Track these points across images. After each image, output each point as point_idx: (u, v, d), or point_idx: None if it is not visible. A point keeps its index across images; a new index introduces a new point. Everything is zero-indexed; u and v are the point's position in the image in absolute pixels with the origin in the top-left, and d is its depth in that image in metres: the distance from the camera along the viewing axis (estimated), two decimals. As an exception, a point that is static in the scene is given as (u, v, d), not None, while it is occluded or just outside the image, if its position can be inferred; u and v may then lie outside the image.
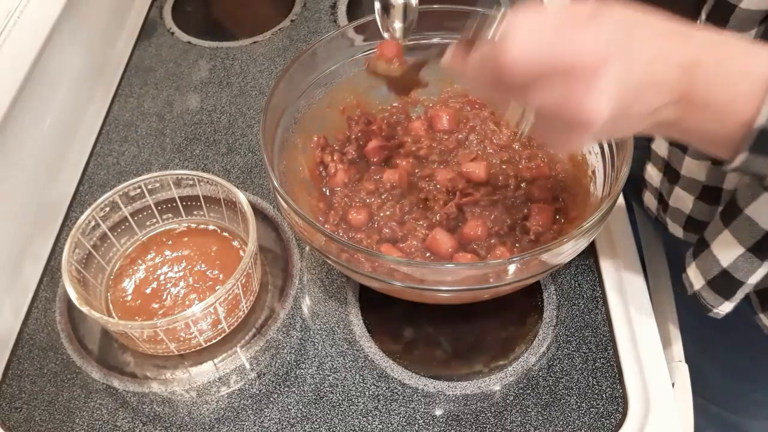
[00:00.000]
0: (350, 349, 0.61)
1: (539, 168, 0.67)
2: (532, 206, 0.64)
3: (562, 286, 0.65)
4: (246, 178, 0.75)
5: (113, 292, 0.64)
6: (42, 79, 0.75)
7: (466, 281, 0.53)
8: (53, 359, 0.62)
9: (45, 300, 0.66)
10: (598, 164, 0.63)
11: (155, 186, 0.65)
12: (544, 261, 0.53)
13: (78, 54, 0.84)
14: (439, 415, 0.57)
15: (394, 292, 0.58)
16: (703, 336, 0.74)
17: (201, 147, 0.79)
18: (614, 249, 0.67)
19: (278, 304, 0.64)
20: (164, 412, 0.58)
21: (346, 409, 0.57)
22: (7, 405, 0.59)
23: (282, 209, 0.59)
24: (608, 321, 0.62)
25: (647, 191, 0.66)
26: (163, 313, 0.61)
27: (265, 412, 0.57)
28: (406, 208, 0.64)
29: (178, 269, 0.65)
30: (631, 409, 0.56)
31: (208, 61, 0.91)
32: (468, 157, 0.69)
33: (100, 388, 0.60)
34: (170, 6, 1.00)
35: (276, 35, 0.94)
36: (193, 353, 0.61)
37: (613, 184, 0.56)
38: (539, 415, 0.56)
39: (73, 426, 0.57)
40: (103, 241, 0.64)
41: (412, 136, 0.71)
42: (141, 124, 0.83)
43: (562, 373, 0.59)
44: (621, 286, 0.64)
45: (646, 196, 0.67)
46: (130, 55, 0.92)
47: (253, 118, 0.82)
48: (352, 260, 0.55)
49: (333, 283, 0.66)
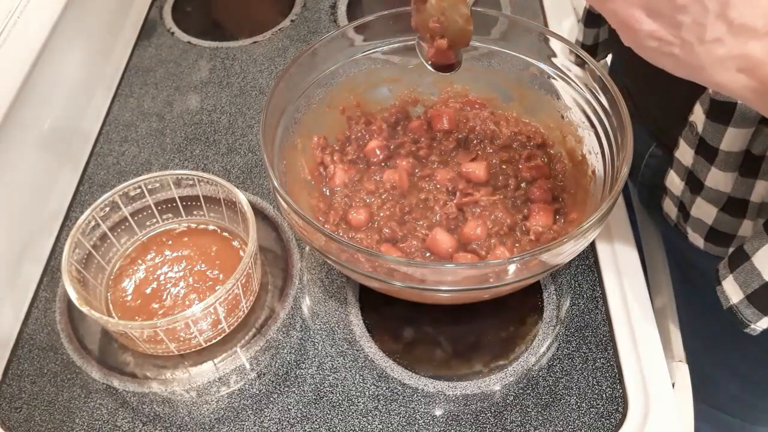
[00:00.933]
0: (350, 349, 0.61)
1: (539, 168, 0.67)
2: (532, 206, 0.64)
3: (562, 286, 0.65)
4: (246, 178, 0.75)
5: (113, 292, 0.64)
6: (42, 79, 0.75)
7: (466, 281, 0.53)
8: (53, 359, 0.62)
9: (45, 300, 0.66)
10: (598, 164, 0.63)
11: (155, 186, 0.65)
12: (544, 261, 0.53)
13: (78, 54, 0.84)
14: (439, 415, 0.57)
15: (394, 292, 0.58)
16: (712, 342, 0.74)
17: (201, 147, 0.79)
18: (614, 249, 0.66)
19: (278, 304, 0.64)
20: (164, 412, 0.58)
21: (346, 409, 0.57)
22: (7, 405, 0.59)
23: (282, 209, 0.59)
24: (608, 321, 0.62)
25: (667, 198, 0.65)
26: (163, 313, 0.61)
27: (265, 412, 0.57)
28: (406, 208, 0.64)
29: (178, 269, 0.64)
30: (631, 409, 0.56)
31: (208, 61, 0.91)
32: (468, 157, 0.69)
33: (100, 388, 0.60)
34: (170, 6, 1.00)
35: (276, 35, 0.94)
36: (193, 353, 0.61)
37: (613, 184, 0.56)
38: (539, 415, 0.56)
39: (73, 426, 0.57)
40: (103, 241, 0.64)
41: (412, 136, 0.71)
42: (141, 124, 0.83)
43: (562, 373, 0.59)
44: (621, 285, 0.64)
45: (666, 204, 0.66)
46: (130, 55, 0.92)
47: (253, 118, 0.82)
48: (352, 260, 0.55)
49: (333, 283, 0.66)
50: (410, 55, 0.68)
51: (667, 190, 0.64)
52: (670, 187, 0.64)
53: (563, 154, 0.68)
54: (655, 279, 0.74)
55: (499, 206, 0.64)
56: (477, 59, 0.70)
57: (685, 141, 0.58)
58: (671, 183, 0.63)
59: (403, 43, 0.69)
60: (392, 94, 0.74)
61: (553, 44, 0.65)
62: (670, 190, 0.64)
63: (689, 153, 0.58)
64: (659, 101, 0.67)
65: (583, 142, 0.66)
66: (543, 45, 0.66)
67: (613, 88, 0.59)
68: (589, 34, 0.74)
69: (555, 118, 0.69)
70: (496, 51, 0.69)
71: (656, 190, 0.67)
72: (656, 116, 0.68)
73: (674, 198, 0.64)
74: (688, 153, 0.59)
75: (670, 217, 0.66)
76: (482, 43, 0.68)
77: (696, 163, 0.58)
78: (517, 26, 0.67)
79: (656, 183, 0.67)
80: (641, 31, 0.40)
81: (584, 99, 0.64)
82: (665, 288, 0.73)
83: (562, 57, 0.65)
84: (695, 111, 0.56)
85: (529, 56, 0.68)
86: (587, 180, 0.64)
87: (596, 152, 0.63)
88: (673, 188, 0.63)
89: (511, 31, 0.67)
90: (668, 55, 0.41)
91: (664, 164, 0.63)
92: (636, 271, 0.65)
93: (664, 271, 0.74)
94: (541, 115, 0.70)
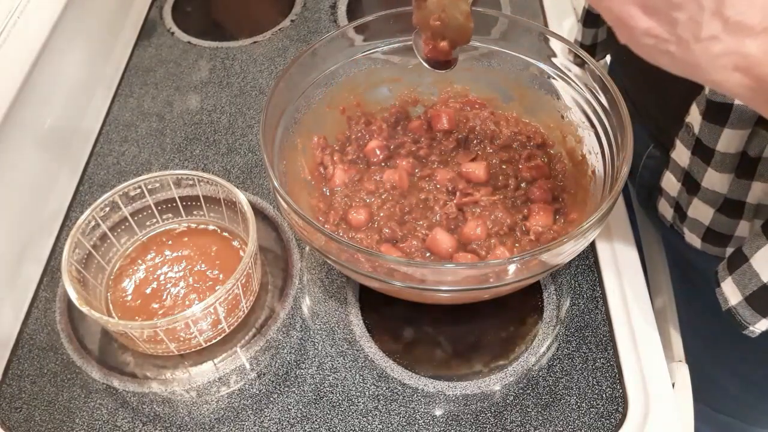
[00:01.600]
0: (350, 349, 0.61)
1: (539, 168, 0.67)
2: (532, 206, 0.64)
3: (562, 286, 0.65)
4: (246, 178, 0.75)
5: (113, 292, 0.64)
6: (42, 79, 0.75)
7: (466, 281, 0.53)
8: (53, 359, 0.62)
9: (45, 300, 0.66)
10: (598, 164, 0.63)
11: (155, 186, 0.65)
12: (544, 261, 0.53)
13: (78, 54, 0.84)
14: (439, 415, 0.57)
15: (394, 292, 0.58)
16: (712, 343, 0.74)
17: (201, 147, 0.79)
18: (614, 249, 0.66)
19: (278, 304, 0.64)
20: (164, 412, 0.58)
21: (346, 409, 0.57)
22: (7, 405, 0.59)
23: (282, 209, 0.59)
24: (608, 321, 0.62)
25: (662, 199, 0.66)
26: (163, 313, 0.61)
27: (265, 412, 0.57)
28: (406, 208, 0.64)
29: (178, 269, 0.64)
30: (631, 409, 0.56)
31: (208, 61, 0.91)
32: (468, 157, 0.69)
33: (100, 388, 0.60)
34: (170, 6, 1.00)
35: (276, 35, 0.94)
36: (193, 353, 0.61)
37: (613, 184, 0.56)
38: (539, 415, 0.56)
39: (73, 426, 0.57)
40: (103, 241, 0.64)
41: (412, 136, 0.71)
42: (141, 124, 0.83)
43: (562, 373, 0.59)
44: (621, 285, 0.64)
45: (661, 204, 0.66)
46: (130, 55, 0.92)
47: (253, 118, 0.82)
48: (352, 260, 0.55)
49: (333, 283, 0.66)
50: (410, 55, 0.68)
51: (663, 191, 0.64)
52: (666, 188, 0.64)
53: (563, 154, 0.68)
54: (655, 279, 0.74)
55: (499, 206, 0.64)
56: (477, 59, 0.70)
57: (682, 142, 0.58)
58: (667, 184, 0.63)
59: (403, 43, 0.69)
60: (392, 94, 0.74)
61: (553, 44, 0.65)
62: (666, 191, 0.64)
63: (686, 154, 0.58)
64: (657, 101, 0.67)
65: (583, 142, 0.66)
66: (543, 45, 0.66)
67: (613, 88, 0.59)
68: (587, 34, 0.74)
69: (555, 118, 0.69)
70: (496, 51, 0.69)
71: (655, 191, 0.67)
72: (654, 117, 0.68)
73: (670, 199, 0.64)
74: (684, 154, 0.59)
75: (666, 218, 0.66)
76: (482, 43, 0.68)
77: (692, 164, 0.58)
78: (517, 26, 0.67)
79: (654, 184, 0.66)
80: (637, 29, 0.40)
81: (584, 99, 0.64)
82: (665, 288, 0.73)
83: (562, 57, 0.65)
84: (692, 112, 0.56)
85: (529, 56, 0.68)
86: (587, 180, 0.64)
87: (596, 152, 0.63)
88: (669, 189, 0.63)
89: (511, 31, 0.67)
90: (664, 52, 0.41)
91: (662, 165, 0.63)
92: (636, 271, 0.65)
93: (664, 271, 0.74)
94: (541, 115, 0.70)
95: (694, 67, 0.40)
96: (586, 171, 0.65)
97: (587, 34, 0.74)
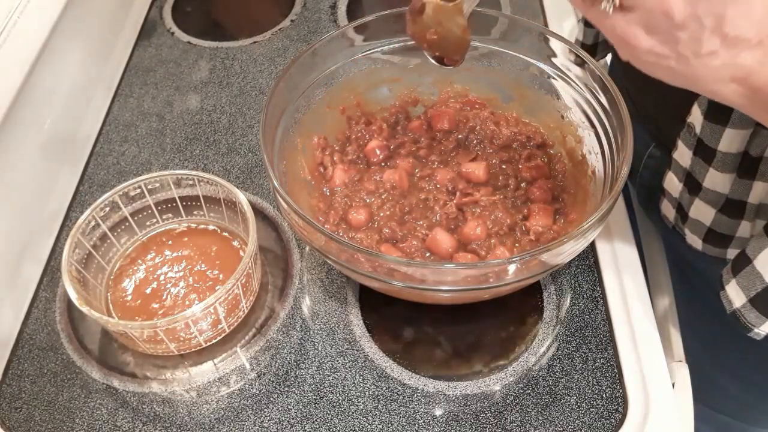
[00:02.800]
0: (350, 349, 0.61)
1: (539, 168, 0.67)
2: (532, 206, 0.64)
3: (562, 286, 0.65)
4: (246, 178, 0.75)
5: (113, 292, 0.64)
6: (42, 79, 0.75)
7: (466, 281, 0.53)
8: (53, 359, 0.62)
9: (45, 300, 0.66)
10: (598, 164, 0.63)
11: (155, 186, 0.65)
12: (544, 261, 0.53)
13: (78, 54, 0.84)
14: (439, 415, 0.57)
15: (394, 292, 0.58)
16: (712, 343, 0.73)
17: (201, 147, 0.79)
18: (614, 249, 0.66)
19: (278, 304, 0.64)
20: (164, 412, 0.58)
21: (346, 409, 0.57)
22: (7, 405, 0.59)
23: (282, 209, 0.59)
24: (608, 321, 0.62)
25: (665, 200, 0.65)
26: (163, 313, 0.61)
27: (265, 412, 0.57)
28: (406, 208, 0.64)
29: (178, 269, 0.64)
30: (631, 409, 0.56)
31: (208, 61, 0.91)
32: (468, 157, 0.69)
33: (100, 388, 0.60)
34: (170, 6, 1.00)
35: (276, 35, 0.94)
36: (193, 353, 0.61)
37: (613, 184, 0.56)
38: (539, 415, 0.56)
39: (73, 426, 0.57)
40: (103, 241, 0.64)
41: (412, 136, 0.71)
42: (141, 124, 0.83)
43: (562, 373, 0.59)
44: (621, 285, 0.64)
45: (664, 205, 0.66)
46: (130, 55, 0.92)
47: (253, 118, 0.82)
48: (352, 260, 0.55)
49: (333, 283, 0.66)
50: (410, 55, 0.68)
51: (666, 192, 0.64)
52: (668, 189, 0.64)
53: (563, 154, 0.68)
54: (655, 279, 0.74)
55: (499, 206, 0.64)
56: (477, 59, 0.70)
57: (684, 142, 0.58)
58: (669, 184, 0.63)
59: (403, 43, 0.69)
60: (392, 94, 0.74)
61: (553, 44, 0.65)
62: (669, 192, 0.64)
63: (687, 154, 0.58)
64: (657, 102, 0.67)
65: (583, 142, 0.66)
66: (543, 45, 0.66)
67: (613, 88, 0.59)
68: (588, 33, 0.74)
69: (555, 118, 0.69)
70: (496, 51, 0.69)
71: (655, 191, 0.67)
72: (655, 117, 0.68)
73: (672, 200, 0.64)
74: (686, 154, 0.59)
75: (668, 218, 0.66)
76: (482, 43, 0.68)
77: (694, 164, 0.58)
78: (517, 26, 0.67)
79: (655, 184, 0.66)
80: (639, 48, 0.41)
81: (584, 99, 0.64)
82: (665, 288, 0.73)
83: (562, 57, 0.65)
84: (693, 112, 0.56)
85: (529, 56, 0.68)
86: (587, 180, 0.64)
87: (596, 152, 0.63)
88: (671, 189, 0.63)
89: (511, 31, 0.67)
90: (665, 68, 0.42)
91: (663, 165, 0.63)
92: (636, 271, 0.65)
93: (664, 271, 0.74)
94: (541, 115, 0.70)
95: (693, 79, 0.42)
96: (586, 171, 0.65)
97: (588, 33, 0.74)
